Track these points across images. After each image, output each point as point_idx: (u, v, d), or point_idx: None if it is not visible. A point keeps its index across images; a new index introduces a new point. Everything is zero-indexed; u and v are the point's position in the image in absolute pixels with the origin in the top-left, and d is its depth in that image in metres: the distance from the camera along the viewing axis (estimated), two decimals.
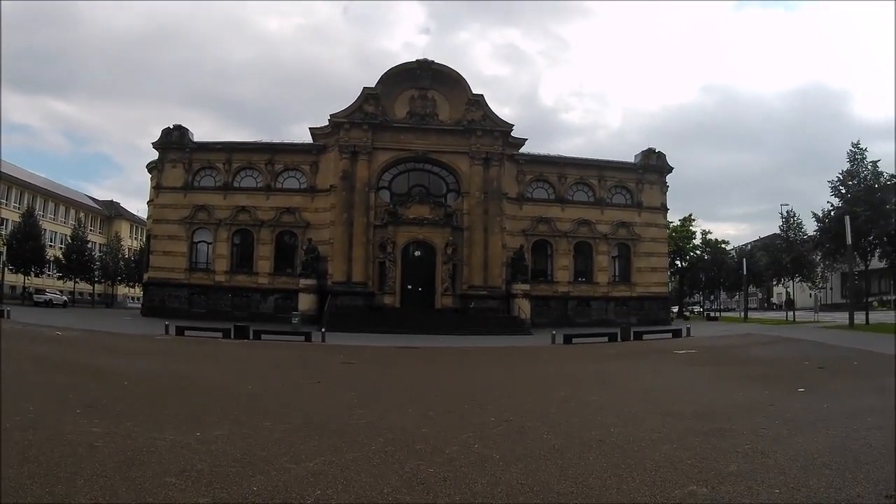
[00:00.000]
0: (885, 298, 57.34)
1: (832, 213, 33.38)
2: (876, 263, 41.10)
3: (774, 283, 55.22)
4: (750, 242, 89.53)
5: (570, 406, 9.22)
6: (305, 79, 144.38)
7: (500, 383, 12.58)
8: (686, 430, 7.05)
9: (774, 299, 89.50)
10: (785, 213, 45.39)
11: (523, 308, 36.23)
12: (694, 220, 63.35)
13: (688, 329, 28.98)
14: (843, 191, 33.15)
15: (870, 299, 50.02)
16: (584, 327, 34.36)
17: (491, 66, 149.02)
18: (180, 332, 24.51)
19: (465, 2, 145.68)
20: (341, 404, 9.03)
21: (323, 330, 25.07)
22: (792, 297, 50.90)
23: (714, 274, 62.95)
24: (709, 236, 65.18)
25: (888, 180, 31.96)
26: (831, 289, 66.63)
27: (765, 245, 50.59)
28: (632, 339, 26.40)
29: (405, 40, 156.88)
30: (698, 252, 63.42)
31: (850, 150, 33.18)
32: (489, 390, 11.19)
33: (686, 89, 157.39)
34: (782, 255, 45.52)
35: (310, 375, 13.39)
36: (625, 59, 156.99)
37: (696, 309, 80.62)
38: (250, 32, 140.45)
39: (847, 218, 30.47)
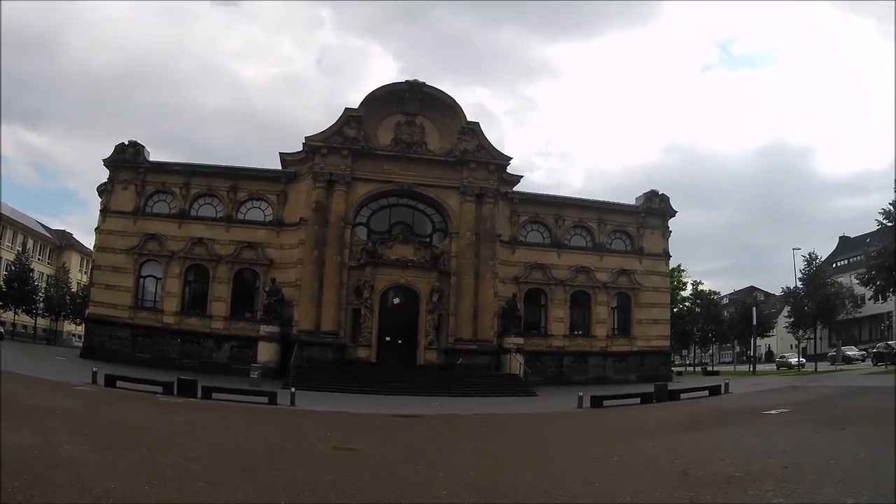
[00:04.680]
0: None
1: (883, 248, 31.29)
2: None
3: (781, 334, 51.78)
4: (726, 295, 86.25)
5: None
6: (276, 128, 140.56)
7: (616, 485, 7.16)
8: None
9: (753, 352, 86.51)
10: (807, 256, 42.37)
11: (518, 365, 31.71)
12: (684, 270, 60.35)
13: (726, 385, 24.81)
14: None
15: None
16: (581, 385, 29.93)
17: None
18: (110, 381, 19.77)
19: (439, 60, 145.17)
20: None
21: (293, 390, 20.31)
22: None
23: (707, 326, 59.50)
24: (700, 287, 62.10)
25: None
26: (820, 338, 63.51)
27: (784, 293, 47.62)
28: (666, 399, 22.31)
29: None
30: (688, 304, 60.03)
31: None
32: None
33: (648, 149, 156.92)
34: (804, 300, 42.07)
35: (291, 485, 7.15)
36: (590, 119, 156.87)
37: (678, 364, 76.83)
38: (226, 79, 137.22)
39: None
